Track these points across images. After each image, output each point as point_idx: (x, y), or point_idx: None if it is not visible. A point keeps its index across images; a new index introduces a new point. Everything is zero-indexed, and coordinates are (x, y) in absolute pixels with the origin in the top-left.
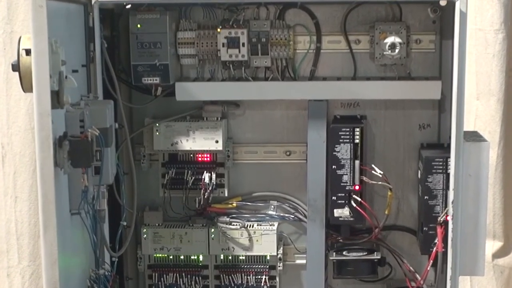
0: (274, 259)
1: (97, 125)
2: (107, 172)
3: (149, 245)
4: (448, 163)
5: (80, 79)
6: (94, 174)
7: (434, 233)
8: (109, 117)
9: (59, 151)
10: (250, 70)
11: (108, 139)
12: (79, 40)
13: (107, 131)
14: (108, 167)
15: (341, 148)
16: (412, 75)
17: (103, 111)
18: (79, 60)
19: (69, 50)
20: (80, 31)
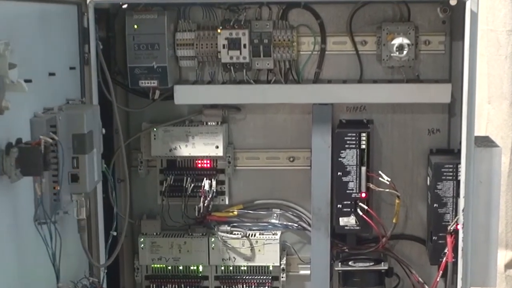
0: (277, 270)
1: (73, 130)
2: (84, 180)
3: (147, 255)
4: (458, 169)
5: (68, 82)
6: (71, 182)
7: (443, 243)
8: (88, 123)
9: (6, 158)
10: (252, 72)
11: (86, 146)
12: (67, 41)
13: (84, 138)
14: (85, 175)
15: (346, 154)
16: (421, 77)
17: (80, 116)
18: (67, 62)
19: (54, 52)
20: (69, 33)
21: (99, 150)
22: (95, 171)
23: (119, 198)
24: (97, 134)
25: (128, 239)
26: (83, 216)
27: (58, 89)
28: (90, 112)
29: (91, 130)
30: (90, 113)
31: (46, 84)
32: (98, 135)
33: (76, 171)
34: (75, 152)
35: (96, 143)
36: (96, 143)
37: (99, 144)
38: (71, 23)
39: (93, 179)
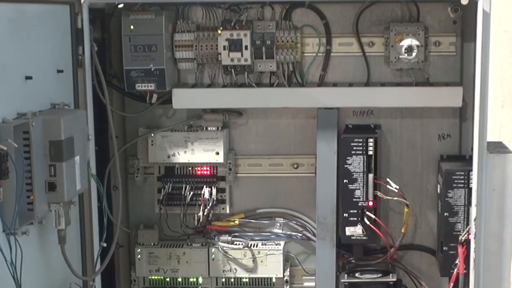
0: (281, 282)
1: (49, 137)
2: (62, 189)
3: (144, 267)
4: (470, 176)
5: (54, 86)
6: (48, 191)
7: (455, 253)
8: (67, 129)
9: None
10: (254, 75)
11: (63, 153)
12: (54, 43)
13: (61, 144)
14: (63, 183)
15: (353, 160)
16: (431, 80)
17: (56, 122)
18: (53, 65)
19: (35, 54)
20: (57, 34)
21: (84, 157)
22: (77, 179)
23: (116, 206)
24: (81, 140)
25: (124, 250)
26: (62, 226)
27: (39, 93)
28: (70, 118)
29: (71, 136)
30: (70, 119)
31: (21, 88)
32: (82, 141)
33: (53, 179)
34: (52, 159)
35: (79, 149)
36: (79, 150)
37: (83, 151)
38: (60, 24)
39: (73, 187)
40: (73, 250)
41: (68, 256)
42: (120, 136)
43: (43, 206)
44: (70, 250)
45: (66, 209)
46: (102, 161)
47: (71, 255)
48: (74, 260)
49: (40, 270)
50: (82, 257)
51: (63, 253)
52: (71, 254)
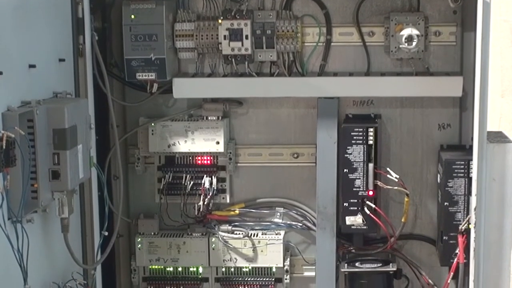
0: (281, 271)
1: (53, 125)
2: (65, 177)
3: (144, 256)
4: (470, 166)
5: (56, 75)
6: (52, 179)
7: (455, 243)
8: (71, 117)
9: None
10: (254, 65)
11: (67, 141)
12: (55, 32)
13: (65, 133)
14: (67, 171)
15: (353, 150)
16: (431, 70)
17: (60, 110)
18: (55, 54)
19: (38, 43)
20: (59, 23)
21: (87, 146)
22: (80, 168)
23: (116, 196)
24: (84, 129)
25: (124, 239)
26: (65, 215)
27: (42, 82)
28: (73, 106)
29: (74, 125)
30: (73, 107)
31: (25, 77)
32: (85, 130)
33: (57, 167)
34: (55, 147)
35: (81, 138)
36: (82, 139)
37: (86, 139)
38: (61, 13)
39: (76, 176)
40: (74, 238)
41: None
42: (120, 126)
43: (47, 194)
44: (70, 238)
45: (69, 198)
46: (102, 150)
47: (72, 244)
48: (75, 249)
49: (43, 258)
50: (82, 246)
51: (66, 241)
52: (72, 243)
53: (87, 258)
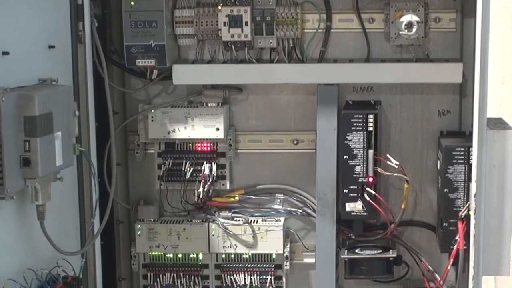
0: (281, 258)
1: (24, 112)
2: (36, 165)
3: (144, 243)
4: (470, 152)
5: (43, 61)
6: (23, 166)
7: (455, 229)
8: (45, 104)
9: None
10: (254, 51)
11: (37, 129)
12: (46, 19)
13: (35, 120)
14: (37, 158)
15: (353, 136)
16: (431, 56)
17: (30, 97)
18: (44, 41)
19: (18, 29)
20: (51, 9)
21: (68, 133)
22: (58, 155)
23: (115, 182)
24: (64, 116)
25: (124, 226)
26: (39, 202)
27: (25, 68)
28: (49, 93)
29: (49, 112)
30: (48, 95)
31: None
32: (65, 117)
33: (28, 154)
34: (26, 135)
35: (60, 125)
36: (62, 126)
37: (67, 126)
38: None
39: (51, 163)
40: (70, 226)
41: (58, 232)
42: (120, 112)
43: (16, 182)
44: (67, 226)
45: (44, 185)
46: (102, 137)
47: (68, 231)
48: (72, 237)
49: (18, 245)
50: (81, 234)
51: (42, 228)
52: (68, 230)
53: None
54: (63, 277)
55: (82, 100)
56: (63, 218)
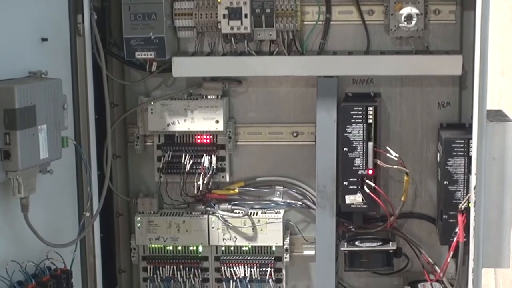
0: (280, 250)
1: (4, 105)
2: (16, 157)
3: (144, 235)
4: (470, 145)
5: (34, 54)
6: (3, 159)
7: (454, 222)
8: (24, 97)
9: None
10: (254, 43)
11: (17, 122)
12: (40, 11)
13: (14, 113)
14: (17, 151)
15: (353, 128)
16: (431, 48)
17: (10, 90)
18: (36, 34)
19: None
20: (44, 2)
21: (56, 126)
22: (42, 148)
23: (114, 174)
24: (51, 109)
25: (124, 218)
26: (21, 194)
27: (15, 61)
28: (32, 86)
29: (31, 105)
30: (31, 87)
31: None
32: (53, 110)
33: (8, 147)
34: (6, 127)
35: (46, 118)
36: (48, 119)
37: (55, 119)
38: None
39: (34, 156)
40: (67, 219)
41: (50, 225)
42: (120, 105)
43: None
44: (62, 219)
45: (27, 178)
46: (101, 129)
47: (64, 224)
48: (68, 230)
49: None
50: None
51: (26, 221)
52: (64, 223)
53: (87, 237)
54: (53, 269)
55: (82, 93)
56: (57, 211)
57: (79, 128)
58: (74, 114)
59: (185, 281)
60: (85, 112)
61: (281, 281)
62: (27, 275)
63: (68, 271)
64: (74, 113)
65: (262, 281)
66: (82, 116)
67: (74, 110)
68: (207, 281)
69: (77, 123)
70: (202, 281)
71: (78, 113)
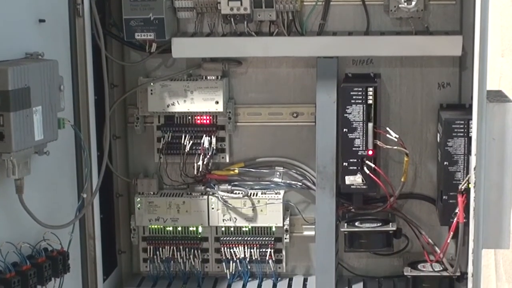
0: (280, 231)
1: None
2: (9, 139)
3: (144, 216)
4: (470, 125)
5: (32, 36)
6: None
7: (454, 202)
8: (18, 79)
9: None
10: (253, 24)
11: (10, 103)
12: None
13: (7, 94)
14: (11, 133)
15: (353, 109)
16: (431, 29)
17: (3, 72)
18: (33, 15)
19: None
20: None
21: (51, 108)
22: (37, 130)
23: (114, 156)
24: (46, 91)
25: (124, 199)
26: (16, 176)
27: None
28: (27, 68)
29: (26, 86)
30: (26, 69)
31: None
32: (48, 91)
33: (2, 129)
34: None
35: (41, 100)
36: (43, 100)
37: (50, 101)
38: None
39: (29, 138)
40: (65, 200)
41: (48, 206)
42: (119, 86)
43: None
44: (60, 200)
45: (21, 159)
46: (101, 110)
47: (62, 205)
48: (67, 211)
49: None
50: None
51: (21, 202)
52: (62, 205)
53: (87, 218)
54: (49, 251)
55: (81, 74)
56: (56, 192)
57: (79, 109)
58: (73, 95)
59: (185, 261)
60: (84, 93)
61: (281, 261)
62: (22, 256)
63: (64, 252)
64: (73, 94)
65: (262, 261)
66: (82, 97)
67: (73, 91)
68: (207, 261)
69: (77, 104)
70: (202, 261)
71: (77, 94)
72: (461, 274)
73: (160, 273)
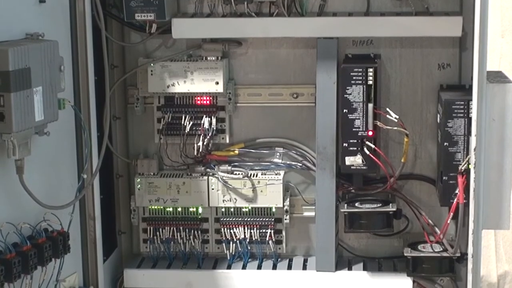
0: (280, 211)
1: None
2: (10, 120)
3: (144, 197)
4: (470, 106)
5: (32, 16)
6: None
7: (454, 183)
8: (19, 59)
9: None
10: (254, 4)
11: (10, 84)
12: None
13: (8, 75)
14: (11, 114)
15: (353, 90)
16: (431, 10)
17: (3, 52)
18: None
19: None
20: None
21: (52, 88)
22: (37, 110)
23: (114, 136)
24: (46, 71)
25: (124, 180)
26: (16, 156)
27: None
28: (27, 48)
29: (26, 67)
30: (26, 49)
31: None
32: (48, 72)
33: (2, 109)
34: (0, 90)
35: (42, 80)
36: (44, 81)
37: (51, 81)
38: None
39: (29, 118)
40: (66, 181)
41: (49, 186)
42: (119, 66)
43: None
44: (61, 181)
45: (22, 140)
46: (101, 90)
47: (63, 186)
48: (68, 191)
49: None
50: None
51: (22, 183)
52: (63, 185)
53: (87, 199)
54: (50, 231)
55: (82, 55)
56: (56, 173)
57: (79, 90)
58: (73, 76)
59: (185, 242)
60: (84, 73)
61: (281, 242)
62: (22, 237)
63: (65, 233)
64: (73, 75)
65: (262, 242)
66: (82, 77)
67: (73, 72)
68: (207, 242)
69: (77, 85)
70: (202, 242)
71: (77, 75)
72: (461, 255)
73: (160, 254)
